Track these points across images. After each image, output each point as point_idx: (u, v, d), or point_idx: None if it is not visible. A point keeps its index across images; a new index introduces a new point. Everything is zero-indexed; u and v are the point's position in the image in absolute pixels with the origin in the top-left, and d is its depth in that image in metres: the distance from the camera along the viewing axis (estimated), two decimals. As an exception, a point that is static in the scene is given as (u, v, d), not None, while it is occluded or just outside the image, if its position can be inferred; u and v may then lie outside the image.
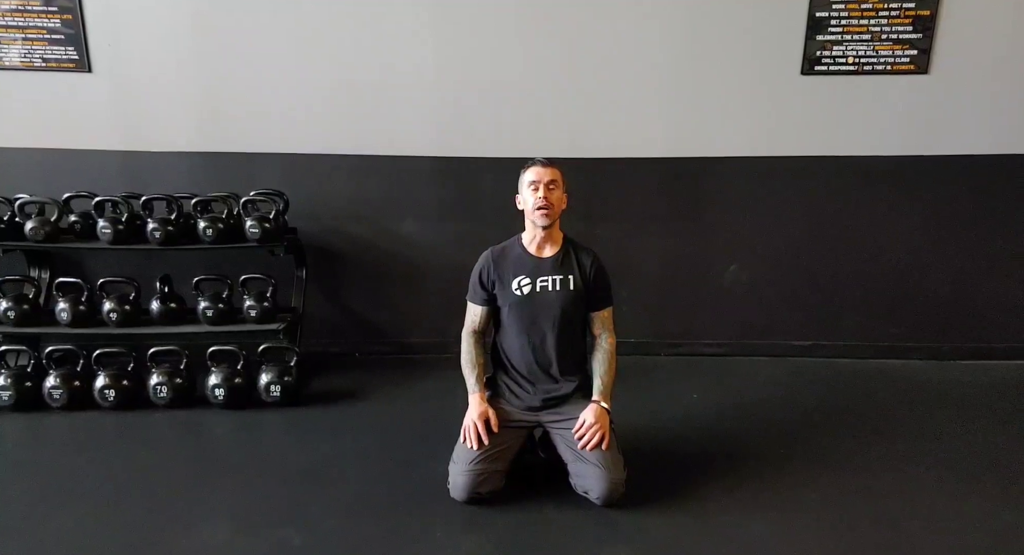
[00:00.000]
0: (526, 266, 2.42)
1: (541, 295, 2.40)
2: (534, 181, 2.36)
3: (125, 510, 2.33)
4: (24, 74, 3.49)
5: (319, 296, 3.75)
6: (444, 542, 2.16)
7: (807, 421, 3.03)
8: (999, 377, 3.52)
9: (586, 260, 2.44)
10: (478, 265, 2.49)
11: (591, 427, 2.31)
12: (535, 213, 2.35)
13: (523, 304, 2.41)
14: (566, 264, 2.43)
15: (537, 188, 2.35)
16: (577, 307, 2.43)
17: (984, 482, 2.53)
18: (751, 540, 2.18)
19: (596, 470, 2.27)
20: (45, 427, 2.96)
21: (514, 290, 2.41)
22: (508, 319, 2.45)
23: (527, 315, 2.41)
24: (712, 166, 3.59)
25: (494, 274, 2.44)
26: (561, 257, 2.43)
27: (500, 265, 2.44)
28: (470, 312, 2.52)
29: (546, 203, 2.33)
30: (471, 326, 2.51)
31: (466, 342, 2.50)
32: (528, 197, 2.37)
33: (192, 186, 3.48)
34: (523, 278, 2.41)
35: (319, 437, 2.87)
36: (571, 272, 2.42)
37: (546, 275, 2.41)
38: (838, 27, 3.39)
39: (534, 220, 2.38)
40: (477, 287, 2.48)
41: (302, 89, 3.51)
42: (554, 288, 2.40)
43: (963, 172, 3.55)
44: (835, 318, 3.76)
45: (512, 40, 3.45)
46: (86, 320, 3.24)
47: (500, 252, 2.48)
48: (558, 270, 2.41)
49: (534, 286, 2.40)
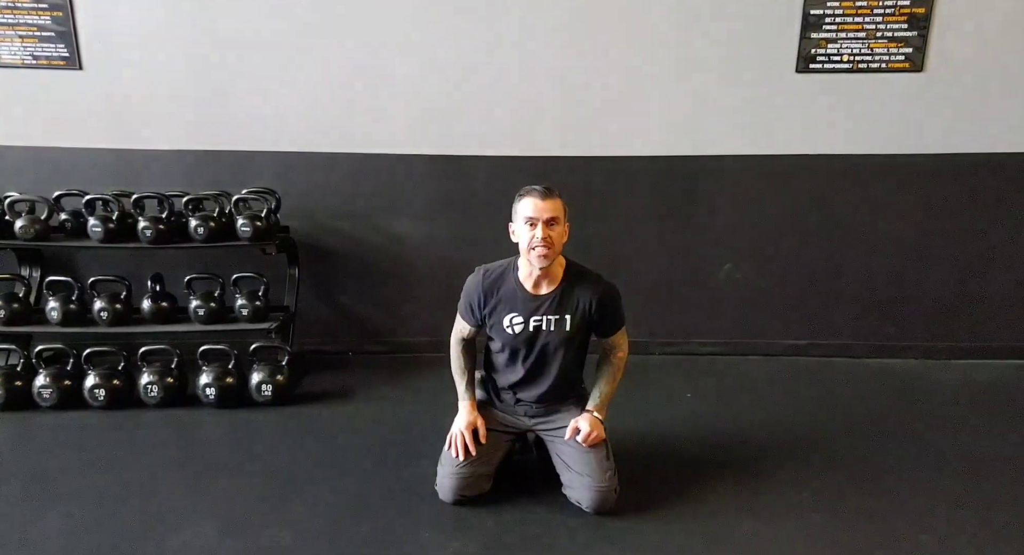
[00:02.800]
0: (520, 303, 2.25)
1: (534, 334, 2.26)
2: (531, 217, 2.10)
3: (114, 510, 2.32)
4: (14, 71, 3.46)
5: (311, 295, 3.74)
6: (431, 543, 2.15)
7: (801, 420, 3.02)
8: (994, 376, 3.51)
9: (586, 296, 2.24)
10: (469, 287, 2.33)
11: (587, 435, 2.25)
12: (531, 253, 2.12)
13: (514, 342, 2.28)
14: (564, 303, 2.24)
15: (535, 225, 2.10)
16: (574, 342, 2.30)
17: (979, 481, 2.52)
18: (744, 541, 2.17)
19: (586, 481, 2.24)
20: (34, 426, 2.94)
21: (505, 328, 2.26)
22: (502, 349, 2.33)
23: (518, 352, 2.30)
24: (706, 164, 3.58)
25: (487, 306, 2.28)
26: (559, 294, 2.24)
27: (492, 296, 2.27)
28: (459, 325, 2.42)
29: (545, 243, 2.09)
30: (460, 335, 2.42)
31: (455, 349, 2.42)
32: (523, 233, 2.13)
33: (183, 184, 3.47)
34: (515, 316, 2.24)
35: (310, 437, 2.86)
36: (569, 311, 2.23)
37: (540, 315, 2.24)
38: (833, 25, 3.38)
39: (531, 260, 2.15)
40: (467, 311, 2.35)
41: (294, 87, 3.49)
42: (548, 327, 2.24)
43: (958, 170, 3.54)
44: (830, 317, 3.75)
45: (506, 37, 3.44)
46: (76, 319, 3.22)
47: (493, 281, 2.28)
48: (554, 310, 2.23)
49: (527, 325, 2.25)
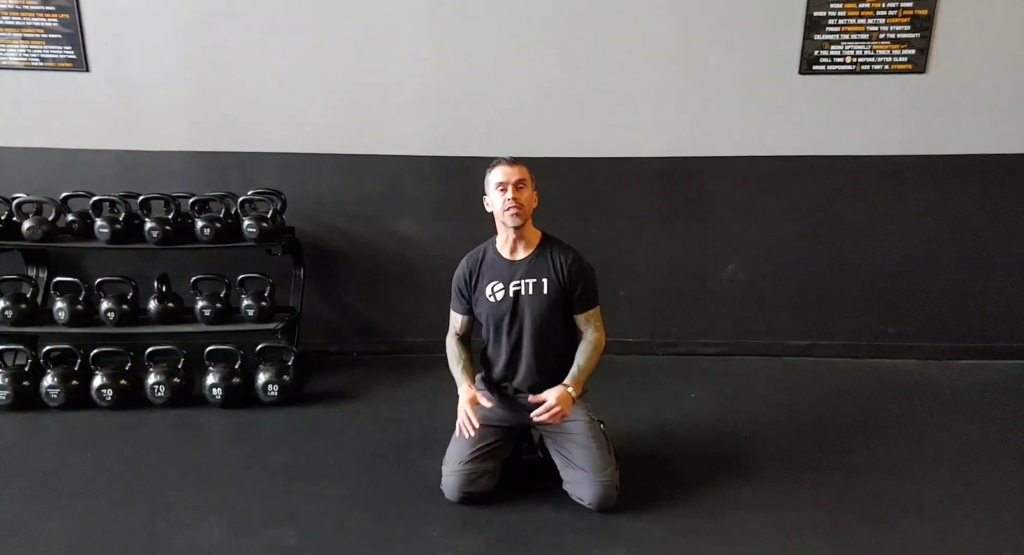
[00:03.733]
0: (499, 271, 2.36)
1: (515, 300, 2.33)
2: (501, 182, 2.27)
3: (122, 509, 2.34)
4: (21, 73, 3.49)
5: (317, 295, 3.76)
6: (438, 542, 2.16)
7: (804, 421, 3.02)
8: (997, 377, 3.52)
9: (562, 260, 2.33)
10: (456, 274, 2.44)
11: (550, 407, 2.22)
12: (505, 214, 2.27)
13: (498, 310, 2.34)
14: (539, 265, 2.33)
15: (505, 189, 2.26)
16: (554, 311, 2.33)
17: (982, 482, 2.52)
18: (747, 540, 2.18)
19: (587, 476, 2.25)
20: (42, 426, 2.96)
21: (488, 297, 2.35)
22: (486, 327, 2.42)
23: (502, 322, 2.35)
24: (710, 166, 3.59)
25: (472, 282, 2.39)
26: (534, 258, 2.34)
27: (475, 272, 2.39)
28: (452, 319, 2.50)
29: (515, 203, 2.24)
30: (453, 331, 2.50)
31: (449, 343, 2.49)
32: (496, 199, 2.29)
33: (190, 185, 3.49)
34: (496, 284, 2.34)
35: (316, 436, 2.88)
36: (545, 274, 2.32)
37: (519, 279, 2.33)
38: (836, 26, 3.39)
39: (504, 221, 2.30)
40: (457, 295, 2.45)
41: (300, 89, 3.50)
42: (527, 292, 2.32)
43: (961, 171, 3.55)
44: (833, 318, 3.76)
45: (508, 39, 3.45)
46: (84, 319, 3.24)
47: (475, 259, 2.41)
48: (531, 273, 2.33)
49: (507, 291, 2.33)
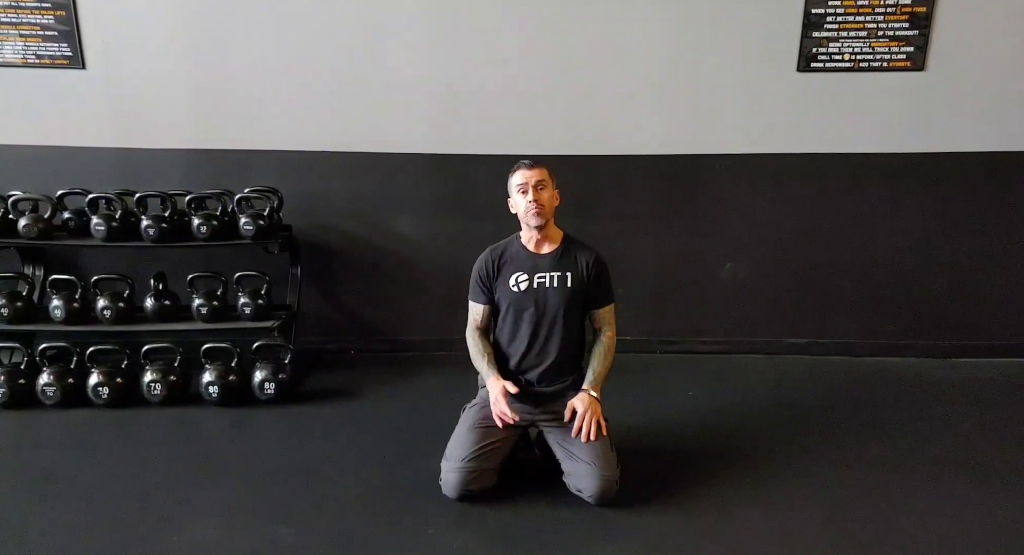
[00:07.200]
0: (524, 262, 2.43)
1: (538, 291, 2.41)
2: (522, 184, 2.36)
3: (118, 507, 2.33)
4: (17, 70, 3.47)
5: (314, 293, 3.75)
6: (435, 539, 2.15)
7: (803, 419, 3.02)
8: (996, 374, 3.52)
9: (585, 258, 2.44)
10: (478, 263, 2.49)
11: (582, 416, 2.31)
12: (527, 214, 2.36)
13: (520, 300, 2.41)
14: (564, 261, 2.43)
15: (526, 191, 2.35)
16: (575, 304, 2.42)
17: (980, 479, 2.52)
18: (745, 538, 2.18)
19: (588, 468, 2.26)
20: (38, 425, 2.95)
21: (511, 286, 2.42)
22: (506, 316, 2.45)
23: (525, 311, 2.41)
24: (708, 163, 3.59)
25: (494, 271, 2.46)
26: (560, 254, 2.43)
27: (499, 262, 2.46)
28: (472, 311, 2.53)
29: (537, 204, 2.33)
30: (474, 323, 2.53)
31: (471, 337, 2.52)
32: (519, 200, 2.38)
33: (186, 183, 3.48)
34: (520, 274, 2.42)
35: (313, 435, 2.87)
36: (569, 269, 2.42)
37: (544, 272, 2.41)
38: (834, 24, 3.38)
39: (527, 222, 2.39)
40: (478, 285, 2.49)
41: (297, 86, 3.50)
42: (551, 284, 2.40)
43: (959, 169, 3.54)
44: (831, 315, 3.76)
45: (506, 36, 3.44)
46: (80, 317, 3.23)
47: (499, 250, 2.49)
48: (556, 266, 2.42)
49: (531, 282, 2.41)
